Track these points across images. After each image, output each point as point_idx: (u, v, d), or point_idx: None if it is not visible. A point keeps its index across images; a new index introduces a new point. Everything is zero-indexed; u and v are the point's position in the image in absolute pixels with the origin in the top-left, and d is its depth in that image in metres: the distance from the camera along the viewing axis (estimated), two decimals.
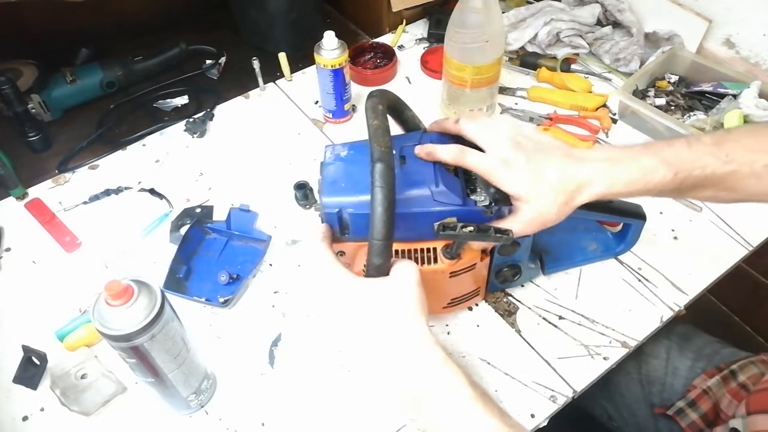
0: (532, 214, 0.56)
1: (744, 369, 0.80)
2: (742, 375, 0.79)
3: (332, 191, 0.63)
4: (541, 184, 0.56)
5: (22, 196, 0.92)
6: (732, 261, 0.82)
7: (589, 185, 0.56)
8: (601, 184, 0.56)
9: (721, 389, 0.79)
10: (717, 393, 0.79)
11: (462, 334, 0.75)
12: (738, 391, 0.78)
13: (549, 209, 0.56)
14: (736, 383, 0.79)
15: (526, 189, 0.56)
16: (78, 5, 1.01)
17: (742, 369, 0.80)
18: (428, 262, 0.67)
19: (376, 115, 0.58)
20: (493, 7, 0.86)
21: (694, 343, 0.87)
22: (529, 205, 0.56)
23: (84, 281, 0.80)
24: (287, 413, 0.68)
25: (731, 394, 0.78)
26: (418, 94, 1.07)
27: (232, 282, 0.80)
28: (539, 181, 0.56)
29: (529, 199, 0.56)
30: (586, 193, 0.56)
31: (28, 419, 0.69)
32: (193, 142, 1.00)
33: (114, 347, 0.55)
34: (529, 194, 0.56)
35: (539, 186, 0.56)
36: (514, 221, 0.58)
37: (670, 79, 1.03)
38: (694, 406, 0.79)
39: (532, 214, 0.56)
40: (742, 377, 0.79)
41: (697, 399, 0.79)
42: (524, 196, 0.56)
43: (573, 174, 0.56)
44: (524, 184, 0.56)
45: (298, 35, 1.15)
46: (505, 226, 0.58)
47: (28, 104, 0.97)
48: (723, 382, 0.79)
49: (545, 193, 0.56)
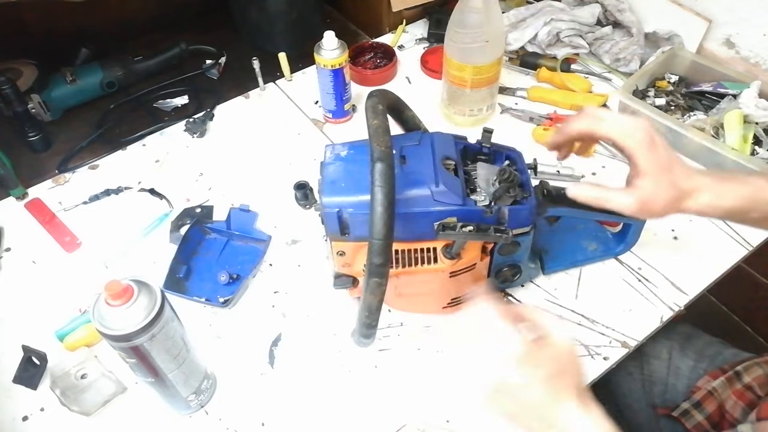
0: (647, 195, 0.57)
1: (749, 370, 0.80)
2: (747, 376, 0.79)
3: (332, 191, 0.63)
4: (668, 174, 0.57)
5: (22, 196, 0.92)
6: (732, 261, 0.82)
7: (698, 192, 0.58)
8: (712, 195, 0.58)
9: (726, 390, 0.79)
10: (722, 394, 0.79)
11: None
12: (743, 393, 0.78)
13: (660, 198, 0.57)
14: (742, 384, 0.79)
15: (655, 170, 0.57)
16: (78, 5, 1.01)
17: (747, 370, 0.80)
18: (428, 262, 0.67)
19: (376, 114, 0.58)
20: (493, 7, 0.86)
21: (695, 344, 0.87)
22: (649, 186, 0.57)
23: (84, 281, 0.80)
24: (287, 413, 0.68)
25: (736, 395, 0.78)
26: (418, 94, 1.07)
27: (232, 282, 0.80)
28: (668, 171, 0.57)
29: (652, 182, 0.57)
30: (695, 200, 0.58)
31: (28, 419, 0.69)
32: (193, 142, 1.00)
33: (114, 347, 0.55)
34: (656, 175, 0.57)
35: (666, 175, 0.57)
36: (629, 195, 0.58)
37: (670, 79, 1.03)
38: (700, 408, 0.79)
39: (647, 196, 0.57)
40: (747, 378, 0.79)
41: (702, 400, 0.79)
42: (652, 177, 0.57)
43: (689, 179, 0.58)
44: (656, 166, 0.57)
45: (298, 35, 1.15)
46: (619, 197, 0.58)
47: (28, 104, 0.97)
48: (728, 384, 0.79)
49: (667, 184, 0.57)
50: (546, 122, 1.00)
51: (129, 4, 1.19)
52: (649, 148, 0.57)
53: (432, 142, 0.66)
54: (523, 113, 1.02)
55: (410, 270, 0.68)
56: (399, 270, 0.68)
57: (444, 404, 0.69)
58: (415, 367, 0.72)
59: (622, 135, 0.58)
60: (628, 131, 0.58)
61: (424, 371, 0.72)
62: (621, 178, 0.62)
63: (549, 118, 1.00)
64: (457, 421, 0.67)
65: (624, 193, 0.59)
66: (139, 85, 1.11)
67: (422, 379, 0.71)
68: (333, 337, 0.75)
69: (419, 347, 0.74)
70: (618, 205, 0.59)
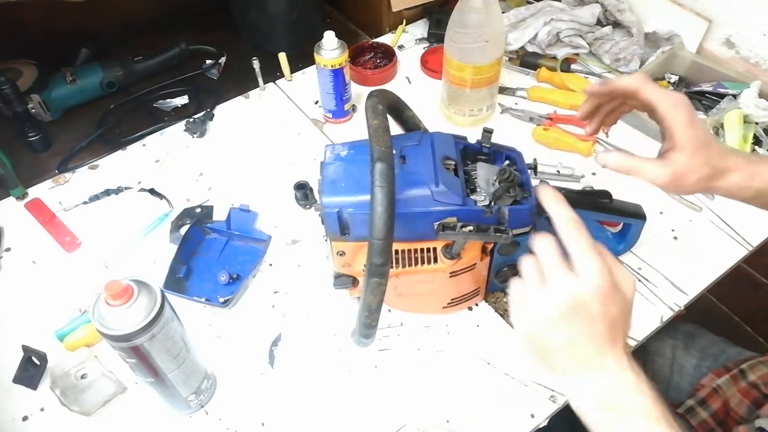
0: (681, 168, 0.57)
1: (754, 368, 0.80)
2: (752, 374, 0.79)
3: (332, 191, 0.63)
4: (705, 152, 0.57)
5: (22, 196, 0.92)
6: (732, 261, 0.82)
7: (732, 173, 0.58)
8: (743, 175, 0.58)
9: (731, 388, 0.79)
10: (727, 392, 0.79)
11: (462, 334, 0.75)
12: (749, 391, 0.78)
13: (693, 174, 0.57)
14: (746, 382, 0.79)
15: (693, 146, 0.57)
16: (78, 5, 1.01)
17: (752, 368, 0.80)
18: (428, 262, 0.67)
19: (376, 114, 0.58)
20: (493, 7, 0.86)
21: (699, 342, 0.87)
22: (684, 160, 0.57)
23: (84, 281, 0.80)
24: (287, 413, 0.68)
25: (741, 393, 0.78)
26: (418, 94, 1.07)
27: (232, 282, 0.80)
28: (705, 149, 0.57)
29: (688, 156, 0.57)
30: (726, 179, 0.58)
31: (28, 419, 0.69)
32: (193, 142, 1.00)
33: (114, 347, 0.55)
34: (692, 151, 0.57)
35: (703, 152, 0.57)
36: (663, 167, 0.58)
37: (670, 79, 1.03)
38: (704, 405, 0.79)
39: (682, 169, 0.57)
40: (752, 377, 0.79)
41: (707, 398, 0.79)
42: (687, 150, 0.57)
43: (724, 159, 0.58)
44: (694, 141, 0.57)
45: (298, 35, 1.15)
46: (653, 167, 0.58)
47: (28, 104, 0.97)
48: (733, 381, 0.79)
49: (702, 161, 0.57)
50: (546, 122, 1.00)
51: (129, 4, 1.19)
52: (689, 124, 0.57)
53: (432, 142, 0.66)
54: (523, 113, 1.02)
55: (410, 270, 0.68)
56: (399, 270, 0.68)
57: (444, 404, 0.69)
58: (415, 367, 0.72)
59: (666, 105, 0.58)
60: (672, 102, 0.58)
61: (424, 371, 0.72)
62: (621, 177, 0.62)
63: (549, 118, 1.00)
64: (457, 421, 0.67)
65: (658, 164, 0.58)
66: (139, 85, 1.11)
67: (422, 379, 0.71)
68: (333, 337, 0.75)
69: (419, 347, 0.74)
70: (650, 176, 0.58)
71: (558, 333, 0.50)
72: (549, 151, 0.97)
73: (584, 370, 0.50)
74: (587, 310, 0.49)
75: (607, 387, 0.49)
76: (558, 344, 0.50)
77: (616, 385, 0.49)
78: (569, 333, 0.49)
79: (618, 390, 0.49)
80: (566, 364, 0.50)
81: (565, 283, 0.50)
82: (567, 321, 0.49)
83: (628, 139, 0.98)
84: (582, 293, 0.49)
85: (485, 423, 0.67)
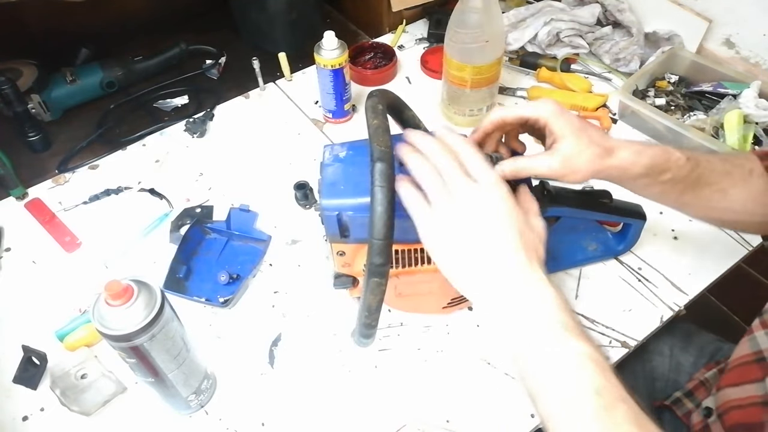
0: (569, 151, 0.59)
1: None
2: None
3: (331, 193, 0.63)
4: (585, 133, 0.59)
5: (22, 196, 0.92)
6: (732, 261, 0.82)
7: (620, 150, 0.60)
8: (631, 151, 0.60)
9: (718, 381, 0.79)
10: (714, 384, 0.79)
11: (462, 334, 0.75)
12: None
13: (583, 154, 0.59)
14: None
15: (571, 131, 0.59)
16: (78, 5, 1.01)
17: None
18: (428, 262, 0.67)
19: (376, 114, 0.58)
20: (493, 7, 0.86)
21: (697, 341, 0.88)
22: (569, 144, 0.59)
23: (84, 281, 0.80)
24: (287, 413, 0.68)
25: None
26: (418, 94, 1.07)
27: (232, 282, 0.80)
28: (584, 131, 0.59)
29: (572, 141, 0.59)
30: (617, 156, 0.59)
31: (28, 419, 0.69)
32: (193, 142, 1.00)
33: (114, 347, 0.55)
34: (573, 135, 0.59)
35: (584, 133, 0.59)
36: (552, 155, 0.60)
37: (670, 79, 1.03)
38: (691, 397, 0.79)
39: (570, 152, 0.59)
40: None
41: (694, 390, 0.80)
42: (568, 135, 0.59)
43: (607, 138, 0.61)
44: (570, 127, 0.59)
45: (298, 35, 1.15)
46: (542, 159, 0.59)
47: (28, 104, 0.97)
48: (720, 375, 0.80)
49: (585, 143, 0.59)
50: None
51: (129, 5, 1.19)
52: (559, 114, 0.59)
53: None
54: None
55: (410, 270, 0.68)
56: (399, 270, 0.68)
57: (444, 404, 0.69)
58: (415, 367, 0.72)
59: (532, 110, 0.60)
60: (536, 104, 0.61)
61: (424, 371, 0.72)
62: None
63: None
64: (457, 421, 0.67)
65: (546, 155, 0.59)
66: (139, 85, 1.11)
67: (422, 379, 0.71)
68: (333, 337, 0.75)
69: (419, 347, 0.74)
70: (542, 168, 0.59)
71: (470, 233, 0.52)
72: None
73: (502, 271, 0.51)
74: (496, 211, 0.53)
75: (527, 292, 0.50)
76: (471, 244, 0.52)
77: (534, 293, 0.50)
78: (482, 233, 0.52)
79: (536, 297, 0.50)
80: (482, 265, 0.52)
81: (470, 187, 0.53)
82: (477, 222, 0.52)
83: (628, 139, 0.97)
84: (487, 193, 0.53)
85: (485, 423, 0.67)
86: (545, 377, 0.47)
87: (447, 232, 0.53)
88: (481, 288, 0.52)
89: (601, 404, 0.44)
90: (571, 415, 0.45)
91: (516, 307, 0.50)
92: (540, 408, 0.48)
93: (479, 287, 0.52)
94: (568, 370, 0.46)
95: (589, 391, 0.45)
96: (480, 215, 0.53)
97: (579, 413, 0.45)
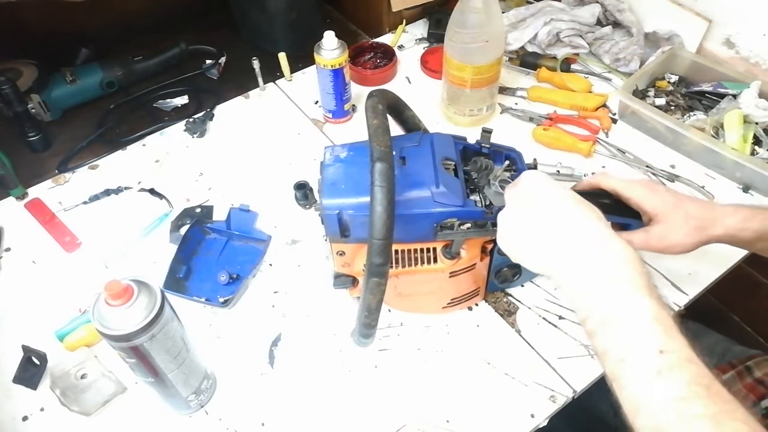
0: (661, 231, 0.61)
1: (760, 365, 0.81)
2: (758, 371, 0.80)
3: (332, 193, 0.63)
4: (679, 209, 0.61)
5: (22, 196, 0.92)
6: (732, 261, 0.82)
7: (725, 219, 0.61)
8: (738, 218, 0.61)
9: (737, 384, 0.80)
10: (732, 388, 0.79)
11: (462, 334, 0.75)
12: (754, 386, 0.79)
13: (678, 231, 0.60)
14: (752, 379, 0.80)
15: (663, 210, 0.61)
16: (78, 5, 1.01)
17: (758, 365, 0.81)
18: (428, 262, 0.67)
19: (376, 114, 0.58)
20: (493, 7, 0.86)
21: (705, 341, 0.88)
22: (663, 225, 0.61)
23: (84, 281, 0.80)
24: (287, 413, 0.68)
25: (747, 388, 0.79)
26: (418, 94, 1.07)
27: (232, 282, 0.80)
28: (678, 207, 0.61)
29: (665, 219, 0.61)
30: (722, 225, 0.61)
31: (28, 419, 0.69)
32: (193, 142, 1.00)
33: (114, 347, 0.55)
34: (666, 215, 0.60)
35: (677, 210, 0.60)
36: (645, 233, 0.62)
37: (670, 79, 1.03)
38: None
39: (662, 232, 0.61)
40: (758, 373, 0.80)
41: None
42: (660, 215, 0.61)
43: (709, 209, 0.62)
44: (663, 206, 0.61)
45: (298, 35, 1.15)
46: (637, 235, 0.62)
47: (28, 104, 0.97)
48: (738, 378, 0.80)
49: (680, 219, 0.60)
50: (546, 122, 1.00)
51: (129, 4, 1.19)
52: (651, 194, 0.62)
53: (431, 142, 0.66)
54: (523, 113, 1.02)
55: (410, 270, 0.68)
56: (399, 270, 0.68)
57: (444, 404, 0.69)
58: (415, 367, 0.72)
59: (624, 188, 0.63)
60: (627, 183, 0.64)
61: (424, 371, 0.72)
62: None
63: (549, 118, 1.00)
64: (457, 421, 0.67)
65: (640, 232, 0.62)
66: (139, 85, 1.11)
67: (422, 379, 0.71)
68: (333, 337, 0.75)
69: (419, 347, 0.74)
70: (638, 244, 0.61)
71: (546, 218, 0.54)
72: (549, 151, 0.97)
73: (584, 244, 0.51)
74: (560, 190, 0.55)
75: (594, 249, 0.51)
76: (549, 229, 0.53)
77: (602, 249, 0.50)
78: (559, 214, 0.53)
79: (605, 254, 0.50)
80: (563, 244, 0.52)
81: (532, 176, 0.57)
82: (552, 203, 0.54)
83: (628, 139, 0.98)
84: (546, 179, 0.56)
85: (485, 423, 0.67)
86: (612, 337, 0.47)
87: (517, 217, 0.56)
88: (561, 256, 0.52)
89: (665, 363, 0.43)
90: (635, 373, 0.44)
91: (596, 267, 0.50)
92: (606, 366, 0.47)
93: (559, 256, 0.52)
94: (634, 328, 0.46)
95: (652, 350, 0.44)
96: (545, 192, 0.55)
97: (642, 372, 0.44)
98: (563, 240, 0.52)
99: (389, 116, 0.64)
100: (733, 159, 0.87)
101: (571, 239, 0.52)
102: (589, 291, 0.49)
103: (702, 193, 0.89)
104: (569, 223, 0.53)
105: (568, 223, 0.53)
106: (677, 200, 0.62)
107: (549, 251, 0.53)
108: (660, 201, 0.61)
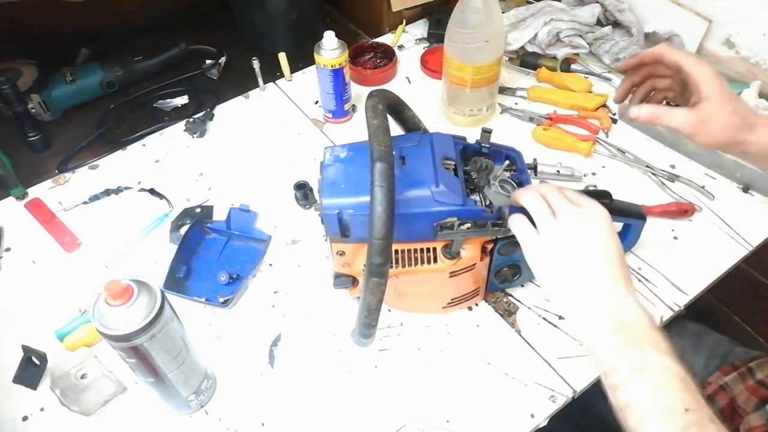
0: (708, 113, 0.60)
1: (762, 367, 0.80)
2: (760, 373, 0.80)
3: (332, 193, 0.63)
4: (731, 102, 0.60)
5: (22, 196, 0.92)
6: (732, 261, 0.82)
7: (760, 127, 0.61)
8: None
9: (739, 386, 0.79)
10: (734, 389, 0.79)
11: (462, 334, 0.75)
12: (756, 388, 0.78)
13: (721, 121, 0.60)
14: (754, 380, 0.79)
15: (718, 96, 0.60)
16: (78, 5, 1.01)
17: (760, 367, 0.81)
18: (428, 262, 0.67)
19: (376, 114, 0.58)
20: (493, 7, 0.86)
21: (707, 342, 0.87)
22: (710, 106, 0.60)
23: (84, 281, 0.80)
24: (287, 413, 0.68)
25: (749, 390, 0.79)
26: (418, 94, 1.07)
27: (232, 282, 0.80)
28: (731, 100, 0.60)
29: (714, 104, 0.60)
30: (757, 133, 0.61)
31: (28, 419, 0.69)
32: (193, 142, 1.00)
33: (114, 347, 0.55)
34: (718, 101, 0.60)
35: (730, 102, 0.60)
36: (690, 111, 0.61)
37: None
38: (711, 402, 0.79)
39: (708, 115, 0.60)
40: (760, 375, 0.80)
41: (714, 394, 0.80)
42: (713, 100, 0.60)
43: (754, 116, 0.62)
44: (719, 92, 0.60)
45: (298, 35, 1.15)
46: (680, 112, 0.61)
47: (28, 104, 0.97)
48: (740, 379, 0.80)
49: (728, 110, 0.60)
50: (546, 122, 1.00)
51: (129, 4, 1.19)
52: (715, 76, 0.61)
53: (431, 142, 0.66)
54: (523, 113, 1.02)
55: (410, 270, 0.68)
56: (399, 270, 0.68)
57: (444, 404, 0.69)
58: (415, 367, 0.72)
59: (690, 62, 0.62)
60: (696, 59, 0.63)
61: (424, 371, 0.72)
62: (621, 177, 0.62)
63: (549, 118, 1.00)
64: (457, 421, 0.67)
65: (684, 110, 0.61)
66: (139, 85, 1.11)
67: (422, 379, 0.71)
68: (333, 337, 0.75)
69: (419, 347, 0.74)
70: (678, 121, 0.61)
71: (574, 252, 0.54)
72: (549, 151, 0.97)
73: (601, 287, 0.53)
74: (599, 231, 0.55)
75: (622, 309, 0.52)
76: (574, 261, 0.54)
77: (629, 311, 0.52)
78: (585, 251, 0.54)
79: (630, 315, 0.51)
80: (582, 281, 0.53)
81: (575, 210, 0.56)
82: (581, 241, 0.54)
83: (628, 139, 0.98)
84: (591, 215, 0.55)
85: (485, 423, 0.67)
86: (638, 392, 0.49)
87: (552, 251, 0.55)
88: (580, 301, 0.54)
89: (690, 420, 0.46)
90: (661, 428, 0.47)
91: (612, 324, 0.52)
92: (629, 420, 0.49)
93: (578, 300, 0.54)
94: (661, 386, 0.48)
95: (679, 408, 0.46)
96: (586, 234, 0.55)
97: (668, 428, 0.46)
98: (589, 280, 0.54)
99: (389, 116, 0.64)
100: (733, 159, 0.87)
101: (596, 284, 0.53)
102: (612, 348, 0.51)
103: (702, 193, 0.89)
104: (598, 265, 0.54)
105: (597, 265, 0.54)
106: (732, 93, 0.62)
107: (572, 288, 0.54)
108: (718, 86, 0.61)
